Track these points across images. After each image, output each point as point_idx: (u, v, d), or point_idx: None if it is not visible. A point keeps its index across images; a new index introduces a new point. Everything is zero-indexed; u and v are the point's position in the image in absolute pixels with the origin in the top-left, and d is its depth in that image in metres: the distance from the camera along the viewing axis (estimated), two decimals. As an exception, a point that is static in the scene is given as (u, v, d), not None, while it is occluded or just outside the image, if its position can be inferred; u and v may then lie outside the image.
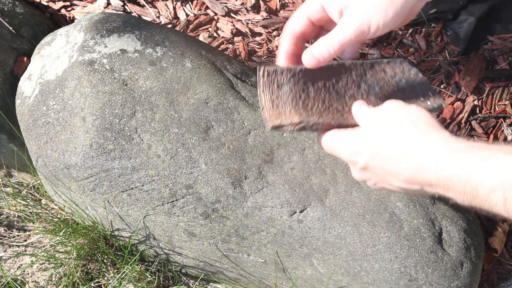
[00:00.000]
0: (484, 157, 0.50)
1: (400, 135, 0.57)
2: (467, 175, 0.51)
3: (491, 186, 0.49)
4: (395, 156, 0.56)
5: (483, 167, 0.50)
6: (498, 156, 0.50)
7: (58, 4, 1.15)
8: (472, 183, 0.50)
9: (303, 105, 0.70)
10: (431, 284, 0.79)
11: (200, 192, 0.79)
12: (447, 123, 1.07)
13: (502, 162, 0.49)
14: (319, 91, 0.71)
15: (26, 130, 0.85)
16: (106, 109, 0.78)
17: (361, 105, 0.66)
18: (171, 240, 0.87)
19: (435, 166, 0.53)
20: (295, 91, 0.71)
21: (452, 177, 0.52)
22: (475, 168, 0.50)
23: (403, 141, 0.56)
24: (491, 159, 0.50)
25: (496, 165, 0.49)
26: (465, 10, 1.13)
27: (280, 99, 0.70)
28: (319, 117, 0.68)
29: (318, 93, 0.71)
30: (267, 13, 1.15)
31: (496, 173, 0.49)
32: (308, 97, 0.71)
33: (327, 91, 0.72)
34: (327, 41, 0.62)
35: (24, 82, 0.88)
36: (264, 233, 0.81)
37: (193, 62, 0.83)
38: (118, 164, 0.78)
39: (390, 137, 0.57)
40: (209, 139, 0.80)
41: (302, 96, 0.71)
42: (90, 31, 0.84)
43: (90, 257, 0.97)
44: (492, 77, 1.10)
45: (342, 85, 0.72)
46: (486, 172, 0.49)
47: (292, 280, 0.87)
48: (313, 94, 0.71)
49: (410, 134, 0.56)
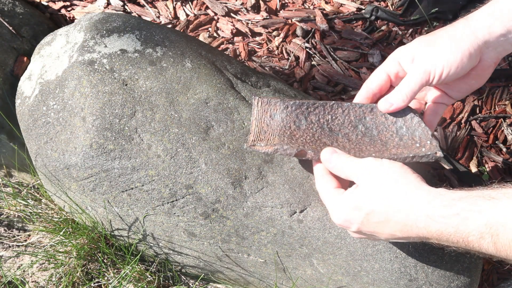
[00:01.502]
0: (467, 208, 0.54)
1: (383, 198, 0.61)
2: (455, 228, 0.54)
3: (479, 234, 0.53)
4: (383, 220, 0.61)
5: (468, 218, 0.53)
6: (479, 204, 0.53)
7: (58, 4, 1.15)
8: (461, 235, 0.54)
9: (290, 135, 0.72)
10: (431, 284, 0.79)
11: (200, 192, 0.79)
12: (447, 123, 1.07)
13: (484, 210, 0.52)
14: (312, 125, 0.73)
15: (26, 130, 0.85)
16: (106, 109, 0.78)
17: (332, 152, 0.69)
18: (171, 240, 0.87)
19: (423, 224, 0.57)
20: (286, 121, 0.73)
21: (441, 231, 0.56)
22: (460, 220, 0.54)
23: (388, 206, 0.60)
24: (474, 208, 0.53)
25: (479, 213, 0.53)
26: (465, 10, 1.13)
27: (269, 127, 0.73)
28: (299, 146, 0.69)
29: (310, 127, 0.73)
30: (267, 13, 1.15)
31: (480, 221, 0.52)
32: (298, 128, 0.73)
33: (320, 126, 0.74)
34: (401, 89, 0.69)
35: (24, 82, 0.88)
36: (264, 233, 0.81)
37: (193, 62, 0.83)
38: (118, 164, 0.78)
39: (376, 201, 0.62)
40: (209, 139, 0.80)
41: (291, 127, 0.73)
42: (90, 31, 0.84)
43: (90, 257, 0.97)
44: (492, 77, 1.10)
45: (337, 124, 0.74)
46: (472, 223, 0.53)
47: (292, 280, 0.87)
48: (304, 127, 0.73)
49: (392, 197, 0.60)
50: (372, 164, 0.64)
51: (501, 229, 0.51)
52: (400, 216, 0.59)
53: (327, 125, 0.74)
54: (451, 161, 1.03)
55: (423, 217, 0.57)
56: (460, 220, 0.53)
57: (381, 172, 0.63)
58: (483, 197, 0.53)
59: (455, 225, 0.54)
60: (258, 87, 0.87)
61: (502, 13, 0.66)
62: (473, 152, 1.05)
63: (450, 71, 0.67)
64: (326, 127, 0.73)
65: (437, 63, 0.67)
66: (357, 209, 0.62)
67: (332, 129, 0.73)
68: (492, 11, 0.66)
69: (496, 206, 0.52)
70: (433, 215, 0.56)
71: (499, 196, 0.52)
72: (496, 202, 0.52)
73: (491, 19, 0.67)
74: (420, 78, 0.68)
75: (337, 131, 0.73)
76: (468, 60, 0.67)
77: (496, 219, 0.51)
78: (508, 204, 0.51)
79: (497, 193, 0.53)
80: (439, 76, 0.67)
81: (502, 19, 0.66)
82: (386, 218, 0.60)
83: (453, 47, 0.67)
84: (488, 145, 1.05)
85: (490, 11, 0.67)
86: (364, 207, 0.62)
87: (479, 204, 0.53)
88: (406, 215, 0.59)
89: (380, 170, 0.63)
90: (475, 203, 0.53)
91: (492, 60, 0.70)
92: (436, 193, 0.58)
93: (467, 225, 0.53)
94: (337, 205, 0.65)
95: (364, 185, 0.63)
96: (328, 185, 0.68)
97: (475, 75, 0.71)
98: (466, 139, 1.05)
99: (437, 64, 0.67)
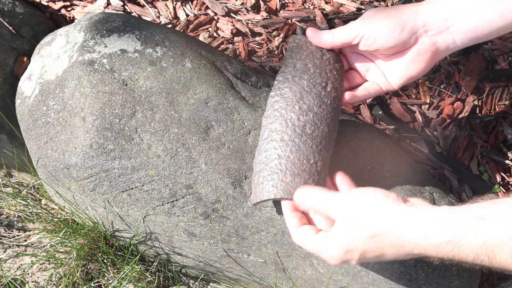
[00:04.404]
0: (459, 233, 0.54)
1: (371, 235, 0.60)
2: (451, 252, 0.55)
3: (475, 255, 0.53)
4: (379, 255, 0.61)
5: (462, 244, 0.53)
6: (471, 227, 0.53)
7: (58, 4, 1.15)
8: (457, 257, 0.55)
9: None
10: (431, 284, 0.79)
11: (200, 192, 0.79)
12: (447, 123, 1.07)
13: (477, 233, 0.53)
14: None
15: (26, 130, 0.85)
16: (106, 109, 0.78)
17: (305, 195, 0.68)
18: (171, 240, 0.87)
19: (418, 252, 0.57)
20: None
21: (437, 255, 0.56)
22: (454, 246, 0.54)
23: (379, 242, 0.59)
24: (467, 232, 0.53)
25: (474, 237, 0.53)
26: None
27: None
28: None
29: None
30: (267, 13, 1.15)
31: (474, 244, 0.53)
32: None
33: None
34: (333, 31, 0.76)
35: (24, 82, 0.88)
36: (264, 233, 0.81)
37: (193, 62, 0.83)
38: (118, 164, 0.78)
39: (366, 241, 0.60)
40: (209, 139, 0.80)
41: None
42: (90, 31, 0.84)
43: (90, 257, 0.97)
44: (492, 77, 1.10)
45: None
46: (466, 248, 0.53)
47: (292, 280, 0.87)
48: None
49: (380, 232, 0.59)
50: (345, 198, 0.63)
51: (496, 249, 0.51)
52: (394, 252, 0.59)
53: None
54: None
55: (417, 247, 0.57)
56: (453, 247, 0.54)
57: (357, 204, 0.62)
58: (475, 219, 0.53)
59: (449, 250, 0.54)
60: (258, 87, 0.87)
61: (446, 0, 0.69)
62: (473, 152, 1.05)
63: (379, 35, 0.71)
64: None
65: (371, 24, 0.71)
66: (350, 251, 0.61)
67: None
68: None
69: (488, 227, 0.52)
70: (426, 245, 0.56)
71: (490, 216, 0.52)
72: (488, 223, 0.52)
73: (435, 3, 0.70)
74: (351, 30, 0.73)
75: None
76: (400, 32, 0.70)
77: (491, 240, 0.51)
78: (500, 223, 0.51)
79: (487, 211, 0.53)
80: (368, 35, 0.71)
81: (445, 5, 0.69)
82: (382, 253, 0.60)
83: (391, 16, 0.71)
84: (488, 145, 1.05)
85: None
86: (356, 249, 0.61)
87: (472, 227, 0.53)
88: (399, 248, 0.59)
89: (356, 202, 0.62)
90: (467, 226, 0.53)
91: (428, 47, 0.71)
92: (423, 218, 0.57)
93: (462, 250, 0.54)
94: (328, 251, 0.63)
95: (345, 223, 0.62)
96: (308, 235, 0.65)
97: (411, 57, 0.73)
98: (466, 139, 1.05)
99: (370, 25, 0.71)
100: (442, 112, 1.08)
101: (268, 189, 0.71)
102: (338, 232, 0.62)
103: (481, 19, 0.68)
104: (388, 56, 0.75)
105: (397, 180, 0.84)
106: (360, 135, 0.86)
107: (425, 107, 1.08)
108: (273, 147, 0.72)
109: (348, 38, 0.74)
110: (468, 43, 0.71)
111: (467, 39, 0.70)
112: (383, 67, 0.78)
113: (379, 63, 0.78)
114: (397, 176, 0.84)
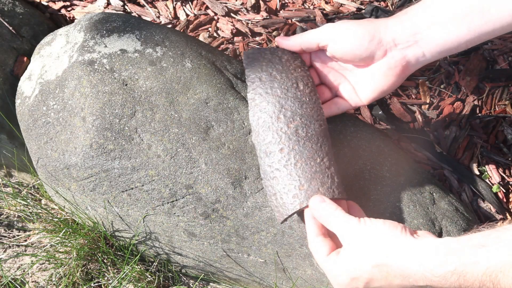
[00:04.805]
0: (462, 262, 0.55)
1: (376, 264, 0.60)
2: (457, 282, 0.55)
3: (480, 282, 0.54)
4: (384, 285, 0.61)
5: (467, 272, 0.54)
6: (474, 255, 0.54)
7: (58, 4, 1.15)
8: (466, 284, 0.55)
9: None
10: (431, 284, 0.79)
11: (200, 192, 0.79)
12: (447, 123, 1.07)
13: (479, 260, 0.53)
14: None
15: (26, 130, 0.85)
16: (106, 109, 0.78)
17: (321, 201, 0.69)
18: (171, 240, 0.87)
19: (423, 283, 0.58)
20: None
21: (443, 285, 0.57)
22: (459, 276, 0.55)
23: (384, 272, 0.60)
24: (469, 260, 0.54)
25: (476, 264, 0.54)
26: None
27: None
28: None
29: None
30: (267, 13, 1.15)
31: (478, 272, 0.53)
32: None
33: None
34: (300, 35, 0.78)
35: (24, 82, 0.88)
36: (264, 233, 0.81)
37: (193, 62, 0.83)
38: (118, 164, 0.78)
39: (371, 270, 0.61)
40: (209, 139, 0.80)
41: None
42: (90, 31, 0.84)
43: (90, 257, 0.97)
44: (492, 77, 1.10)
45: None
46: (470, 276, 0.54)
47: (292, 280, 0.87)
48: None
49: (385, 263, 0.60)
50: (356, 226, 0.63)
51: (500, 275, 0.52)
52: (399, 282, 0.60)
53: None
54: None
55: (423, 279, 0.58)
56: (458, 276, 0.55)
57: (365, 233, 0.62)
58: (476, 246, 0.54)
59: (454, 280, 0.55)
60: (258, 87, 0.87)
61: (416, 14, 0.70)
62: (473, 152, 1.05)
63: (348, 40, 0.72)
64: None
65: (341, 28, 0.73)
66: (355, 279, 0.62)
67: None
68: (415, 11, 0.71)
69: (490, 253, 0.53)
70: (431, 277, 0.57)
71: (492, 242, 0.54)
72: (490, 249, 0.53)
73: (405, 16, 0.71)
74: (321, 32, 0.74)
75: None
76: (369, 41, 0.71)
77: (494, 266, 0.52)
78: (502, 250, 0.53)
79: (488, 239, 0.54)
80: (337, 39, 0.73)
81: (414, 19, 0.70)
82: (387, 283, 0.61)
83: (362, 24, 0.72)
84: (488, 145, 1.05)
85: (414, 11, 0.71)
86: (361, 277, 0.62)
87: (474, 254, 0.54)
88: (404, 279, 0.59)
89: (365, 232, 0.62)
90: (470, 254, 0.54)
91: (398, 60, 0.72)
92: (428, 250, 0.58)
93: (467, 279, 0.54)
94: (335, 277, 0.64)
95: (352, 251, 0.63)
96: (322, 250, 0.66)
97: (382, 71, 0.73)
98: (466, 139, 1.05)
99: (341, 29, 0.73)
100: (442, 112, 1.08)
101: (290, 202, 0.71)
102: (344, 259, 0.63)
103: (450, 33, 0.68)
104: (356, 67, 0.76)
105: (397, 180, 0.84)
106: (360, 135, 0.86)
107: (425, 107, 1.08)
108: (277, 161, 0.72)
109: (318, 39, 0.74)
110: (438, 56, 0.72)
111: (436, 52, 0.71)
112: (353, 81, 0.78)
113: (350, 78, 0.78)
114: (397, 176, 0.84)
